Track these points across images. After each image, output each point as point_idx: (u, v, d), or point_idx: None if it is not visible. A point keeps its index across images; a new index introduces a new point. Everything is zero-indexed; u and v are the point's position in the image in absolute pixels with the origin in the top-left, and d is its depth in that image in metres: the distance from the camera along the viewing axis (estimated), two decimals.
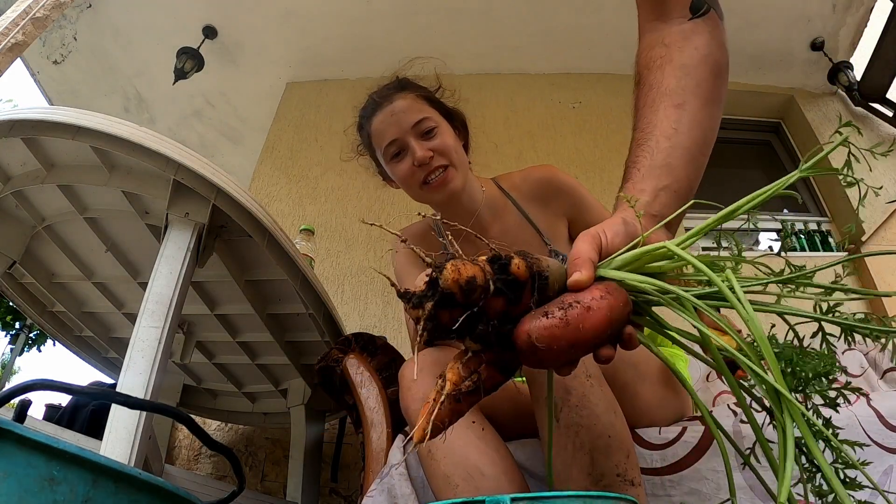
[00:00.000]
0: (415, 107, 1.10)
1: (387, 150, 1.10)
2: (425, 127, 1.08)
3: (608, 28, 3.01)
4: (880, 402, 0.91)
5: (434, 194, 1.09)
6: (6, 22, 1.54)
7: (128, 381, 0.96)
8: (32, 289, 1.55)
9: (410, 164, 1.08)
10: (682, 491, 0.85)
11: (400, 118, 1.08)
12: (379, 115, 1.11)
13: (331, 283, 2.45)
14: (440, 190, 1.08)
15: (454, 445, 0.82)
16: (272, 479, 2.01)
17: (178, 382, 1.87)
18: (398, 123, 1.08)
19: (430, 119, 1.09)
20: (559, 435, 0.74)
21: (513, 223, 1.15)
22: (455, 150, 1.10)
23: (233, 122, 3.76)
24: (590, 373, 0.78)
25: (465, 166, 1.14)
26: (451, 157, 1.08)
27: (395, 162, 1.10)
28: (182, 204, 1.13)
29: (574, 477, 0.71)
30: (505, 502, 0.45)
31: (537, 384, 0.80)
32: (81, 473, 0.39)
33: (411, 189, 1.12)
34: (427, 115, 1.09)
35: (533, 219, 1.15)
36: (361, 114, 1.17)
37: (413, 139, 1.07)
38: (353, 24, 3.11)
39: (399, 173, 1.10)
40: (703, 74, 0.66)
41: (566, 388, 0.76)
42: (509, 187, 1.19)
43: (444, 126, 1.11)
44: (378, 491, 0.92)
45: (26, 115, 1.11)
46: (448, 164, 1.08)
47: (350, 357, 1.16)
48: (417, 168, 1.07)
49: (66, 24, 3.17)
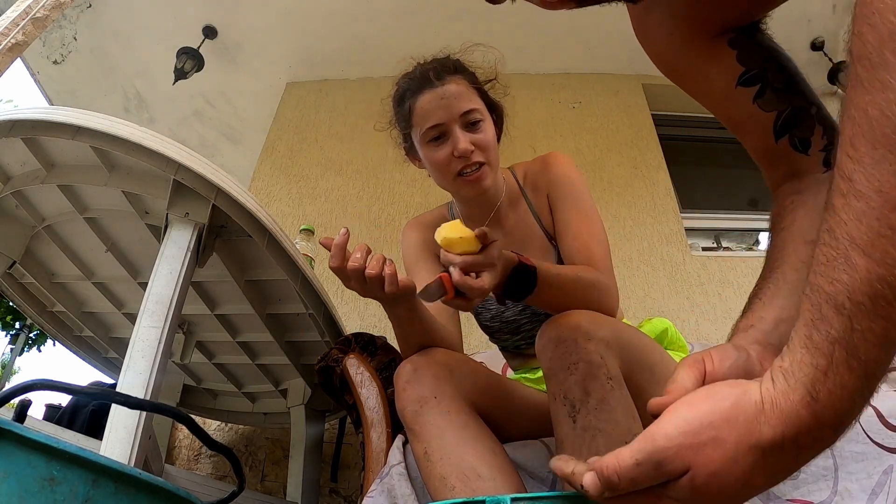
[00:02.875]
0: (466, 95, 1.05)
1: (428, 132, 1.05)
2: (472, 118, 1.04)
3: (608, 28, 3.01)
4: (880, 401, 0.91)
5: (466, 188, 1.07)
6: (6, 22, 1.54)
7: (128, 381, 0.96)
8: (32, 289, 1.55)
9: (449, 153, 1.04)
10: None
11: (450, 103, 1.03)
12: (427, 95, 1.05)
13: (331, 283, 2.44)
14: (473, 186, 1.05)
15: (450, 447, 0.82)
16: (272, 479, 2.01)
17: (178, 382, 1.87)
18: (447, 108, 1.03)
19: (478, 111, 1.06)
20: (574, 437, 0.73)
21: (523, 216, 1.15)
22: (494, 148, 1.07)
23: (233, 122, 3.76)
24: (611, 374, 0.77)
25: (498, 164, 1.11)
26: (489, 154, 1.05)
27: (432, 146, 1.06)
28: (182, 204, 1.13)
29: None
30: (505, 502, 0.45)
31: (556, 380, 0.79)
32: (81, 473, 0.39)
33: (443, 178, 1.08)
34: (476, 107, 1.06)
35: (538, 212, 1.14)
36: (406, 86, 1.10)
37: (458, 128, 1.03)
38: (353, 23, 3.11)
39: (435, 159, 1.06)
40: None
41: (586, 390, 0.75)
42: (521, 177, 1.17)
43: (488, 120, 1.08)
44: (378, 491, 0.93)
45: (26, 115, 1.11)
46: (485, 162, 1.05)
47: (350, 357, 1.16)
48: (456, 158, 1.03)
49: (66, 24, 3.17)
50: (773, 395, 0.36)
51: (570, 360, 0.78)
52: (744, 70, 0.62)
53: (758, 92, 0.62)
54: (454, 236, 0.76)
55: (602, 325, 0.83)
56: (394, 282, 0.79)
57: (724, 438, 0.37)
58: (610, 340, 0.81)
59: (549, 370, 0.81)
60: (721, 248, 3.02)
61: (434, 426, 0.84)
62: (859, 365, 0.33)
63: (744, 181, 3.49)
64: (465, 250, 0.75)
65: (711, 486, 0.37)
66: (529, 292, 0.84)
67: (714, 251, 2.92)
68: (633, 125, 3.12)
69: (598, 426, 0.72)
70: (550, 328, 0.83)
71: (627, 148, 3.01)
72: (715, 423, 0.38)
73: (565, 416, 0.76)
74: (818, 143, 0.61)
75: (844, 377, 0.33)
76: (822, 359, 0.34)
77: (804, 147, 0.61)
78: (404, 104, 1.10)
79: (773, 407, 0.36)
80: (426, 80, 1.06)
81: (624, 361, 0.81)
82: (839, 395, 0.34)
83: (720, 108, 0.66)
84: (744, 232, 3.18)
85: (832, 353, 0.34)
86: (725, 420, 0.38)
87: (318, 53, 3.28)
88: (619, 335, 0.85)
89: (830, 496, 0.85)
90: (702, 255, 2.71)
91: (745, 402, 0.37)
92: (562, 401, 0.77)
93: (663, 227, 2.70)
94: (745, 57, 0.62)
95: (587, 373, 0.76)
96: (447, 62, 1.10)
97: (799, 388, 0.35)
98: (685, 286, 2.50)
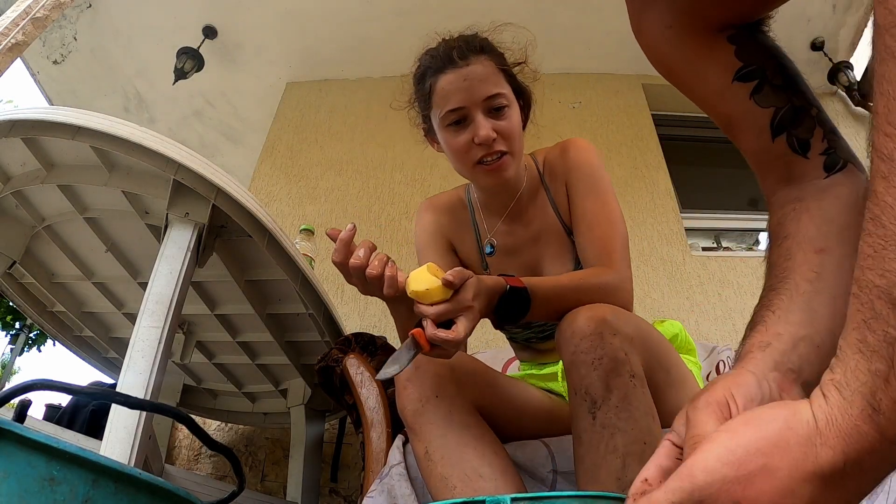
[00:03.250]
0: (492, 78, 0.98)
1: (447, 115, 0.98)
2: (497, 104, 0.98)
3: (608, 28, 3.01)
4: None
5: (486, 178, 1.01)
6: (6, 22, 1.54)
7: (128, 381, 0.96)
8: (32, 289, 1.55)
9: (469, 140, 0.97)
10: None
11: (473, 86, 0.96)
12: (450, 74, 0.98)
13: (331, 283, 2.45)
14: (493, 176, 1.00)
15: (451, 447, 0.81)
16: (272, 479, 2.01)
17: (178, 382, 1.87)
18: (469, 91, 0.96)
19: (503, 96, 0.98)
20: (593, 433, 0.72)
21: (542, 207, 1.10)
22: (518, 137, 1.01)
23: (233, 122, 3.76)
24: (634, 372, 0.76)
25: (522, 153, 1.04)
26: (513, 144, 0.99)
27: (451, 129, 0.99)
28: (182, 204, 1.13)
29: (601, 479, 0.69)
30: (505, 502, 0.45)
31: (577, 374, 0.77)
32: (81, 473, 0.39)
33: (462, 165, 1.02)
34: (502, 91, 0.98)
35: (557, 202, 1.08)
36: (428, 63, 1.02)
37: (481, 114, 0.97)
38: (353, 23, 3.11)
39: (453, 145, 1.00)
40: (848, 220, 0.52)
41: (608, 387, 0.74)
42: (541, 165, 1.12)
43: (514, 106, 1.01)
44: (378, 491, 0.92)
45: (26, 115, 1.11)
46: (507, 152, 0.98)
47: (350, 357, 1.16)
48: (476, 146, 0.97)
49: (66, 24, 3.16)
50: (828, 411, 0.31)
51: (595, 354, 0.76)
52: (742, 65, 0.59)
53: (755, 87, 0.59)
54: (421, 289, 0.73)
55: (627, 321, 0.81)
56: (393, 284, 0.77)
57: (776, 466, 0.32)
58: (634, 337, 0.79)
59: (570, 364, 0.79)
60: (721, 248, 3.02)
61: (435, 425, 0.83)
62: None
63: (744, 181, 3.49)
64: (435, 300, 0.73)
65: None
66: (525, 313, 0.82)
67: (714, 251, 2.92)
68: (633, 125, 3.12)
69: (617, 424, 0.71)
70: (574, 321, 0.80)
71: (627, 148, 3.01)
72: (763, 449, 0.32)
73: (585, 411, 0.74)
74: (818, 145, 0.57)
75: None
76: (881, 363, 0.29)
77: (803, 149, 0.57)
78: (425, 83, 1.03)
79: (828, 425, 0.31)
80: (449, 59, 0.99)
81: (645, 360, 0.80)
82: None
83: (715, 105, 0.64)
84: (744, 232, 3.18)
85: (892, 354, 0.28)
86: (775, 445, 0.32)
87: (318, 53, 3.28)
88: (642, 332, 0.83)
89: None
90: (702, 255, 2.71)
91: (796, 422, 0.32)
92: (583, 395, 0.75)
93: (663, 227, 2.70)
94: (744, 53, 0.59)
95: (611, 369, 0.75)
96: (474, 41, 1.02)
97: (857, 399, 0.30)
98: (685, 286, 2.50)
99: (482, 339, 2.19)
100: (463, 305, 0.73)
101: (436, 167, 2.79)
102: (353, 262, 0.76)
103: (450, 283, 0.73)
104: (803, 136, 0.58)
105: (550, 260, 1.09)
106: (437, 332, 0.72)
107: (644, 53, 0.66)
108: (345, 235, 0.77)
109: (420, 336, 0.74)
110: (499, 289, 0.80)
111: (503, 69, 1.02)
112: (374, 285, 0.78)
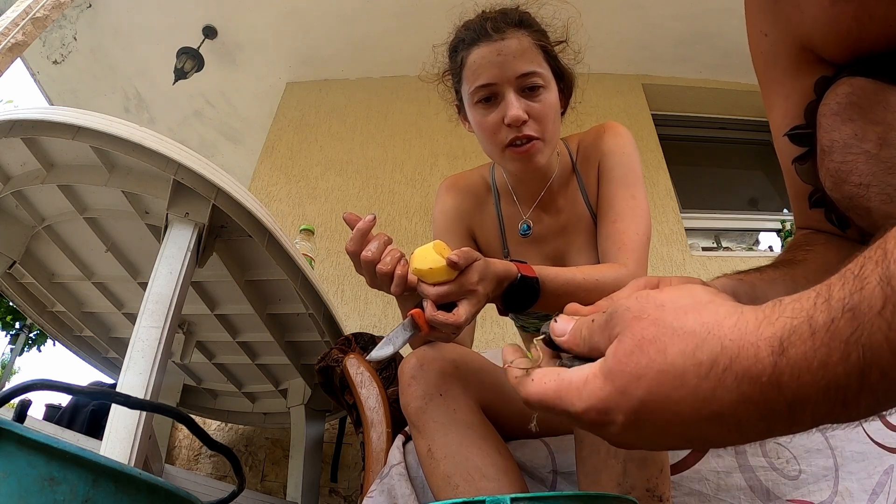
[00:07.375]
0: (528, 54, 0.91)
1: (477, 90, 0.92)
2: (531, 83, 0.91)
3: (608, 28, 3.01)
4: None
5: (514, 163, 0.94)
6: (6, 22, 1.54)
7: (128, 381, 0.96)
8: (32, 289, 1.55)
9: (499, 120, 0.91)
10: (683, 492, 0.85)
11: (507, 61, 0.89)
12: (483, 48, 0.91)
13: (331, 283, 2.45)
14: (522, 161, 0.93)
15: (455, 446, 0.81)
16: (272, 479, 2.01)
17: (178, 382, 1.87)
18: (502, 66, 0.89)
19: (539, 75, 0.91)
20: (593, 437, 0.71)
21: (573, 196, 1.04)
22: (553, 121, 0.93)
23: (233, 122, 3.76)
24: None
25: (556, 140, 0.97)
26: (545, 128, 0.92)
27: (480, 107, 0.93)
28: (182, 204, 1.13)
29: (602, 483, 0.69)
30: (505, 502, 0.45)
31: None
32: (81, 473, 0.39)
33: (491, 146, 0.96)
34: (538, 70, 0.91)
35: (587, 190, 1.03)
36: (462, 35, 0.97)
37: (513, 92, 0.90)
38: (354, 23, 3.11)
39: (482, 124, 0.94)
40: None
41: None
42: (574, 150, 1.06)
43: (551, 88, 0.94)
44: (378, 491, 0.92)
45: (26, 115, 1.11)
46: (538, 137, 0.91)
47: (350, 357, 1.16)
48: (506, 126, 0.91)
49: (66, 24, 3.17)
50: (744, 317, 0.28)
51: None
52: (800, 124, 0.51)
53: (800, 155, 0.51)
54: (425, 267, 0.70)
55: None
56: (401, 284, 0.74)
57: (669, 322, 0.30)
58: None
59: None
60: (721, 248, 3.02)
61: (439, 423, 0.82)
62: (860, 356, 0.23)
63: (744, 181, 3.49)
64: (438, 280, 0.70)
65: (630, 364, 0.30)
66: (532, 303, 0.80)
67: (714, 251, 2.92)
68: (633, 125, 3.11)
69: None
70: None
71: None
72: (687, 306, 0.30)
73: None
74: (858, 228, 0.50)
75: (833, 355, 0.24)
76: (823, 315, 0.25)
77: (842, 226, 0.51)
78: (457, 56, 0.97)
79: (736, 324, 0.28)
80: (483, 32, 0.92)
81: None
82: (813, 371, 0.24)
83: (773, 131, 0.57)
84: (744, 232, 3.19)
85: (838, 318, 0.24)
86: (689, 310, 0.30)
87: (318, 53, 3.28)
88: None
89: (831, 496, 0.85)
90: (702, 255, 2.71)
91: (719, 306, 0.30)
92: None
93: (663, 227, 2.70)
94: (811, 109, 0.49)
95: None
96: (511, 13, 0.95)
97: (775, 327, 0.26)
98: None
99: (483, 338, 2.19)
100: (466, 288, 0.71)
101: (436, 167, 2.79)
102: (364, 255, 0.74)
103: (454, 264, 0.70)
104: (843, 216, 0.50)
105: (577, 251, 1.04)
106: (436, 314, 0.70)
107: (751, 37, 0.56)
108: (362, 226, 0.74)
109: (419, 317, 0.71)
110: (508, 275, 0.77)
111: (542, 46, 0.94)
112: (384, 281, 0.75)
